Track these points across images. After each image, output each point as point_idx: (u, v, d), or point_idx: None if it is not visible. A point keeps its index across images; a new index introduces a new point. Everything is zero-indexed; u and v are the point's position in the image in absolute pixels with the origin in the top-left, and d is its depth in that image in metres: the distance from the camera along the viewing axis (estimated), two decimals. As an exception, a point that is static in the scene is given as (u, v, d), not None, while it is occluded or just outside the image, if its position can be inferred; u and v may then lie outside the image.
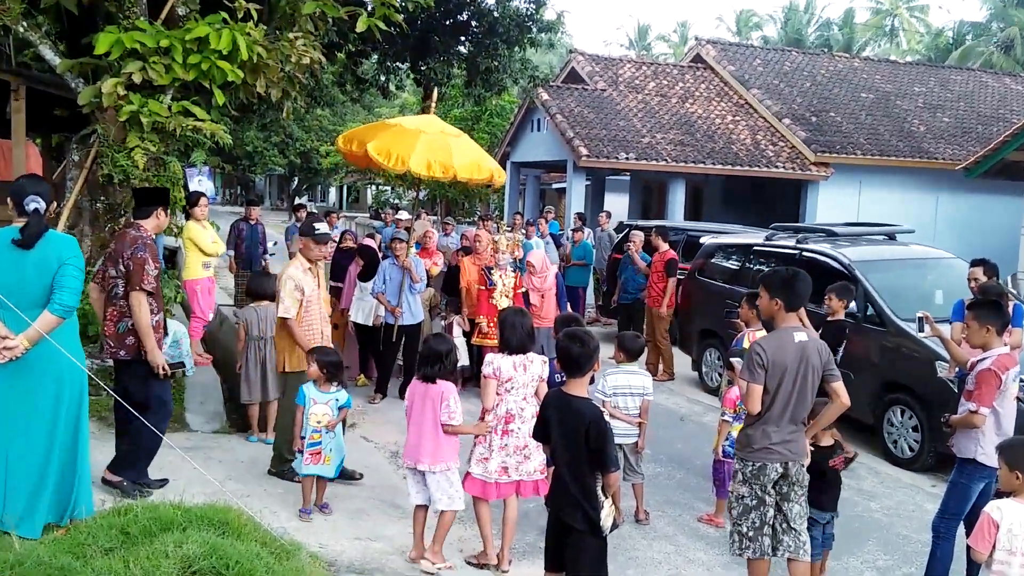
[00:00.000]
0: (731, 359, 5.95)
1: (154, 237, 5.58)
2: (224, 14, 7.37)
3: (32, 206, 4.54)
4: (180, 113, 7.32)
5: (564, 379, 4.32)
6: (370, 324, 9.67)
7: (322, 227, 6.44)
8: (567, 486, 4.17)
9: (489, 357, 5.40)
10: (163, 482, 5.67)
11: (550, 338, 9.43)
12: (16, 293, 4.45)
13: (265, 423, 7.44)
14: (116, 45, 6.87)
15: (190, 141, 7.73)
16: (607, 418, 6.03)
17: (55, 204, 5.08)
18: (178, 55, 7.08)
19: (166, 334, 5.88)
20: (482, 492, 5.36)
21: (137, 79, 7.02)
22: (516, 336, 5.30)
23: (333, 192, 61.11)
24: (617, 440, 6.03)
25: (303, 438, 5.67)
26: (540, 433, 4.37)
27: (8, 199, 4.64)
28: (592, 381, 4.47)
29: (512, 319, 5.37)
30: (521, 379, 5.29)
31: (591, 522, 4.15)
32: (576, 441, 4.12)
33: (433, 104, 9.87)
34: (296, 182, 52.28)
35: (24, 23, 7.41)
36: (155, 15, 7.85)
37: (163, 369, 5.45)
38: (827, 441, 5.23)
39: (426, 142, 8.65)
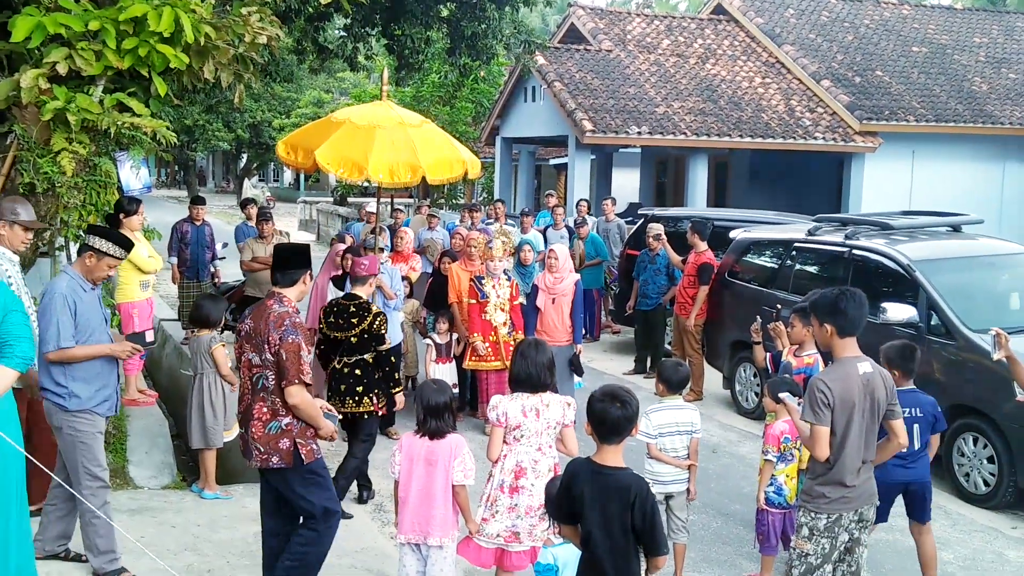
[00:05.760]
0: (779, 394, 5.91)
1: (298, 309, 5.40)
2: (163, -13, 7.27)
3: None
4: (114, 108, 7.22)
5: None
6: None
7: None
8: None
9: (495, 400, 5.38)
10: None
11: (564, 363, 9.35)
12: None
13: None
14: (37, 30, 6.74)
15: (126, 139, 7.61)
16: (653, 464, 6.09)
17: None
18: (111, 39, 6.95)
19: None
20: (477, 560, 5.36)
21: (62, 69, 6.89)
22: (526, 371, 5.27)
23: (288, 171, 60.87)
24: (666, 488, 6.10)
25: None
26: (563, 512, 4.29)
27: None
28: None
29: (526, 350, 5.37)
30: (533, 427, 5.26)
31: None
32: (621, 522, 4.04)
33: (385, 86, 9.66)
34: (245, 160, 52.02)
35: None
36: (80, -13, 7.75)
37: (335, 435, 5.45)
38: None
39: (384, 141, 8.44)
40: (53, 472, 5.38)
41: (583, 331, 10.51)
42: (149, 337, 6.11)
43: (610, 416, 4.10)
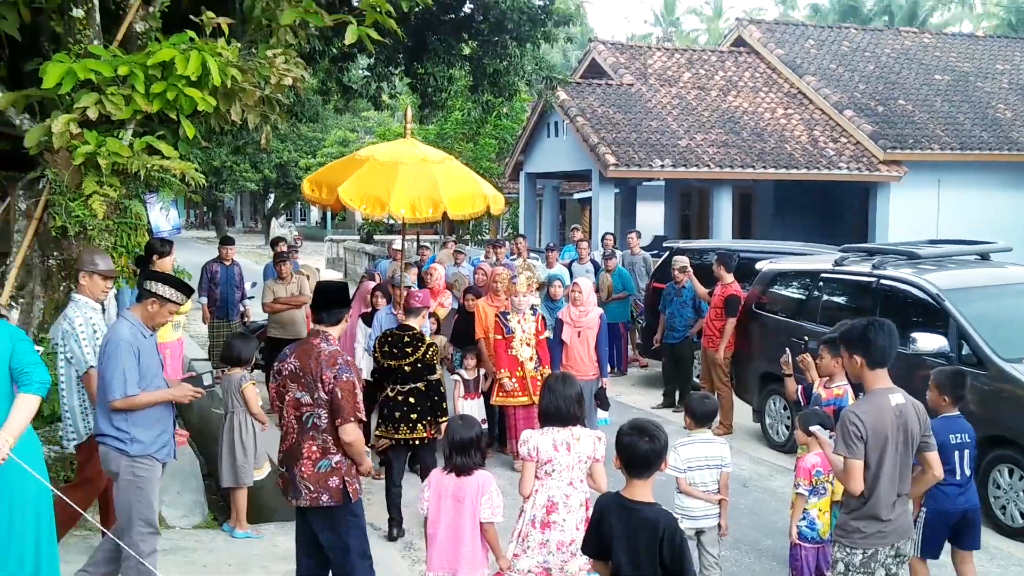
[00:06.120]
0: (810, 427, 5.85)
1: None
2: (191, 32, 7.39)
3: None
4: (144, 151, 7.33)
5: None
6: None
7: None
8: None
9: (525, 434, 5.35)
10: None
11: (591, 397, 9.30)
12: None
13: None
14: (68, 76, 6.89)
15: (156, 182, 7.71)
16: (683, 499, 6.03)
17: None
18: (139, 84, 7.09)
19: None
20: None
21: (93, 114, 7.03)
22: (555, 405, 5.25)
23: (315, 210, 61.30)
24: (697, 524, 6.04)
25: None
26: (593, 548, 4.25)
27: None
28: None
29: (554, 384, 5.35)
30: (564, 461, 5.22)
31: None
32: (650, 558, 3.99)
33: (409, 124, 9.77)
34: (272, 200, 52.50)
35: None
36: (108, 32, 7.88)
37: (372, 471, 5.57)
38: None
39: (406, 176, 8.52)
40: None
41: (610, 365, 10.45)
42: (207, 380, 6.19)
43: (638, 450, 4.07)
